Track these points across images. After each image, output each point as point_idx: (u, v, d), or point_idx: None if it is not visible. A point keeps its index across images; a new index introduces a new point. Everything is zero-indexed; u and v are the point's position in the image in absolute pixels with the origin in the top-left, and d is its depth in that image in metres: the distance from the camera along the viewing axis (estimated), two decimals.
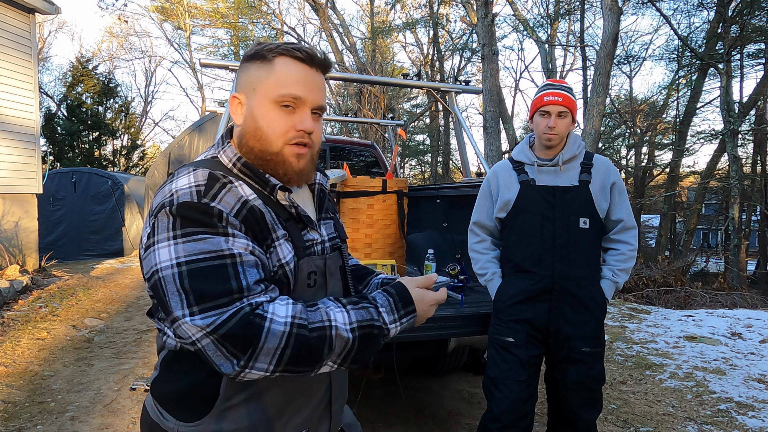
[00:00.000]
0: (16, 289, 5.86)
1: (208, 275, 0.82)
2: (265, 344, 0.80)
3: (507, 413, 2.04)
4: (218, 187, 0.88)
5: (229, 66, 3.58)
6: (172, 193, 0.86)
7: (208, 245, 0.83)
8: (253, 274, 0.85)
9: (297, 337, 0.82)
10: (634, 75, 21.65)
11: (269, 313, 0.82)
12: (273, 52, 0.94)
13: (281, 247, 0.93)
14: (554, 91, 2.05)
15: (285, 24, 22.21)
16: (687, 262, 11.47)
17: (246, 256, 0.85)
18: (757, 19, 12.36)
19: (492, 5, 9.11)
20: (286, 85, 0.93)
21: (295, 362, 0.83)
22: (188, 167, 0.92)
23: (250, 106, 0.96)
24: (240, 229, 0.87)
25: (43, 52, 24.44)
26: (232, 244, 0.85)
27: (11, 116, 7.10)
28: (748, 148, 14.98)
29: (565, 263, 2.02)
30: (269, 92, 0.94)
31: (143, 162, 22.64)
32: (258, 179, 0.96)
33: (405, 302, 0.95)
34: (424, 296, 0.98)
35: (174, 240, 0.83)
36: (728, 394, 3.45)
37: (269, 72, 0.94)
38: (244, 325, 0.80)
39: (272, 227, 0.92)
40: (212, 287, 0.81)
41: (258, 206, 0.91)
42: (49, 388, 3.57)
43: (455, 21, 21.14)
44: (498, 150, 8.68)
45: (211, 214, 0.85)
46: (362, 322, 0.89)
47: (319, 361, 0.86)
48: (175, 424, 0.94)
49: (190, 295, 0.81)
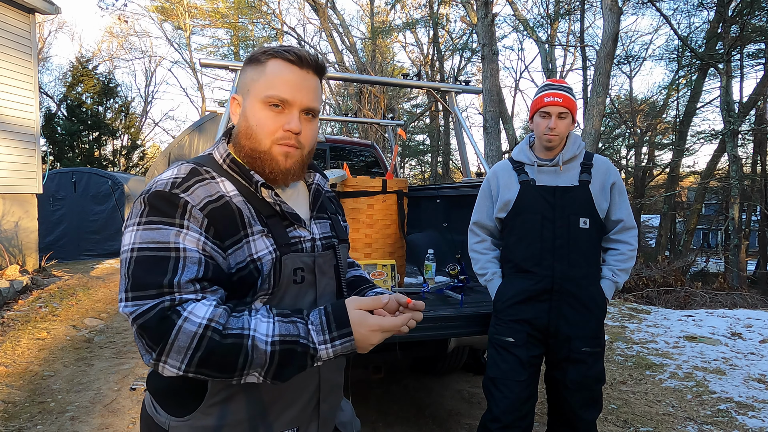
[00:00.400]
0: (16, 289, 5.86)
1: (149, 265, 0.85)
2: (175, 342, 0.81)
3: (507, 413, 2.04)
4: (194, 181, 0.92)
5: (229, 66, 3.57)
6: (153, 183, 0.91)
7: (159, 236, 0.86)
8: (191, 271, 0.86)
9: (209, 340, 0.82)
10: (634, 75, 21.67)
11: (186, 312, 0.83)
12: (266, 55, 0.98)
13: (255, 242, 0.94)
14: (554, 92, 2.05)
15: (285, 24, 22.22)
16: (687, 262, 11.47)
17: (191, 251, 0.87)
18: (757, 19, 12.37)
19: (492, 5, 9.11)
20: (274, 86, 0.96)
21: (206, 365, 0.83)
22: (180, 161, 0.97)
23: (244, 106, 1.00)
24: (200, 223, 0.89)
25: (43, 52, 24.44)
26: (182, 238, 0.87)
27: (11, 116, 7.10)
28: (748, 148, 14.99)
29: (565, 263, 2.02)
30: (259, 93, 0.97)
31: (143, 162, 22.64)
32: (243, 175, 0.98)
33: (339, 323, 0.88)
34: (364, 320, 0.89)
35: (137, 226, 0.88)
36: (728, 394, 3.45)
37: (261, 74, 0.98)
38: (158, 320, 0.82)
39: (248, 223, 0.94)
40: (147, 277, 0.84)
41: (234, 203, 0.94)
42: (49, 388, 3.57)
43: (455, 21, 21.16)
44: (498, 150, 8.68)
45: (177, 205, 0.88)
46: (285, 336, 0.86)
47: (235, 370, 0.84)
48: (167, 418, 0.96)
49: (129, 281, 0.85)
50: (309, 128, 1.01)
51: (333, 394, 1.09)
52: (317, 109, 1.02)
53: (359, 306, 0.90)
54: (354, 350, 0.90)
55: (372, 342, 0.90)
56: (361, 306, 0.91)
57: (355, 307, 0.90)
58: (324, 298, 1.04)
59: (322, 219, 1.11)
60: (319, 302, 1.03)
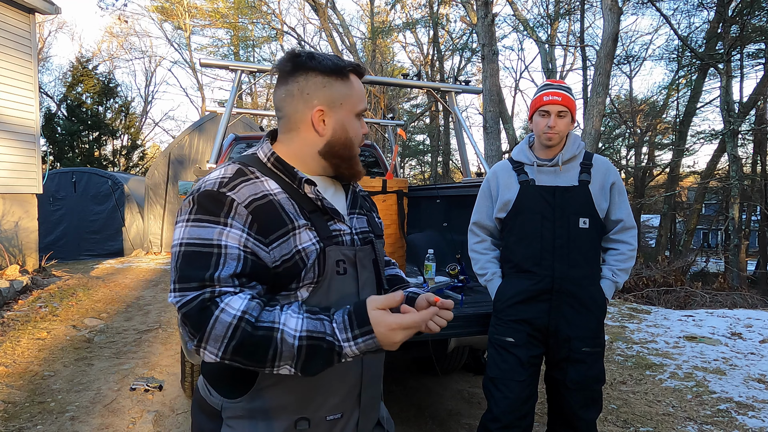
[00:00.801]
0: (16, 289, 5.86)
1: (193, 259, 0.93)
2: (212, 330, 0.88)
3: (507, 413, 2.04)
4: (240, 180, 0.99)
5: (229, 66, 3.57)
6: (203, 182, 0.99)
7: (205, 233, 0.94)
8: (230, 267, 0.93)
9: (242, 330, 0.88)
10: (634, 75, 21.67)
11: (223, 303, 0.89)
12: (347, 70, 1.09)
13: (300, 235, 1.00)
14: (553, 91, 2.05)
15: (285, 24, 22.23)
16: (687, 262, 11.47)
17: (231, 248, 0.94)
18: (757, 19, 12.37)
19: (492, 5, 9.11)
20: (362, 100, 1.11)
21: (239, 353, 0.89)
22: (228, 162, 1.05)
23: (338, 119, 1.08)
24: (245, 220, 0.96)
25: (43, 52, 24.44)
26: (225, 235, 0.94)
27: (11, 116, 7.11)
28: (748, 148, 15.00)
29: (565, 263, 2.02)
30: (354, 107, 1.09)
31: (143, 162, 22.64)
32: (287, 173, 1.06)
33: (360, 322, 0.92)
34: (383, 319, 0.92)
35: (186, 222, 0.96)
36: (728, 394, 3.45)
37: (350, 89, 1.09)
38: (199, 310, 0.89)
39: (292, 218, 1.01)
40: (191, 271, 0.91)
41: (278, 200, 1.01)
42: (49, 388, 3.57)
43: (455, 21, 21.16)
44: (498, 150, 8.69)
45: (223, 203, 0.95)
46: (312, 332, 0.90)
47: (266, 360, 0.90)
48: (220, 399, 1.04)
49: (177, 273, 0.93)
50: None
51: (374, 384, 1.15)
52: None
53: (376, 305, 0.93)
54: (379, 347, 0.93)
55: (395, 340, 0.93)
56: (377, 305, 0.93)
57: (373, 307, 0.93)
58: (365, 290, 1.10)
59: (359, 215, 1.18)
60: (361, 294, 1.08)
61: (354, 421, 1.10)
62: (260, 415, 1.02)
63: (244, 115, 9.97)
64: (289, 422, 1.02)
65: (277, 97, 1.10)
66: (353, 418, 1.10)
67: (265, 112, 6.39)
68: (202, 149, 11.31)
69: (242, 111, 6.83)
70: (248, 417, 1.02)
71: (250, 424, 1.02)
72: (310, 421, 1.03)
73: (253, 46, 24.06)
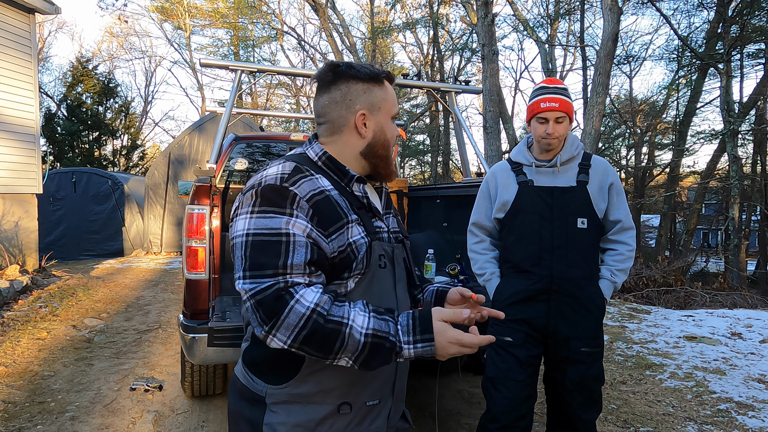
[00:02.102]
0: (16, 289, 5.86)
1: (263, 248, 0.99)
2: (286, 319, 0.94)
3: (506, 413, 2.04)
4: (299, 177, 1.06)
5: (229, 66, 3.57)
6: (262, 178, 1.05)
7: (272, 223, 1.00)
8: (300, 254, 0.99)
9: (314, 322, 0.94)
10: (634, 75, 21.65)
11: (298, 295, 0.95)
12: (382, 77, 1.17)
13: (352, 228, 1.08)
14: (550, 97, 2.03)
15: (285, 24, 22.25)
16: (687, 262, 11.46)
17: (299, 237, 1.00)
18: (757, 19, 12.36)
19: (492, 5, 9.11)
20: (395, 104, 1.20)
21: (308, 343, 0.95)
22: (280, 160, 1.12)
23: (378, 122, 1.17)
24: (306, 213, 1.02)
25: (43, 52, 24.45)
26: (291, 225, 1.00)
27: (11, 116, 7.11)
28: (748, 148, 14.98)
29: (564, 263, 2.02)
30: (389, 110, 1.18)
31: (143, 162, 22.64)
32: (339, 171, 1.14)
33: (424, 329, 0.98)
34: (445, 330, 0.98)
35: (251, 214, 1.02)
36: (728, 394, 3.45)
37: (386, 93, 1.17)
38: (274, 298, 0.95)
39: (346, 212, 1.08)
40: (263, 259, 0.98)
41: (333, 196, 1.08)
42: (49, 388, 3.57)
43: (455, 21, 21.15)
44: (498, 150, 8.69)
45: (286, 197, 1.02)
46: (378, 331, 0.96)
47: (331, 352, 0.96)
48: (264, 386, 1.09)
49: (246, 262, 0.99)
50: None
51: (404, 376, 1.23)
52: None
53: (442, 318, 0.99)
54: (433, 355, 0.98)
55: (449, 352, 0.98)
56: (443, 318, 0.99)
57: (438, 318, 0.99)
58: (400, 284, 1.19)
59: (391, 215, 1.28)
60: (397, 288, 1.17)
61: (387, 408, 1.17)
62: (305, 400, 1.07)
63: (244, 115, 9.98)
64: (333, 406, 1.08)
65: (319, 105, 1.17)
66: (387, 405, 1.17)
67: (265, 112, 6.40)
68: (202, 149, 11.31)
69: (242, 111, 6.84)
70: (293, 402, 1.07)
71: (294, 408, 1.07)
72: (351, 405, 1.09)
73: (253, 46, 24.07)
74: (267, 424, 1.07)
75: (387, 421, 1.17)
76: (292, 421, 1.07)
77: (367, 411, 1.12)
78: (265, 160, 4.29)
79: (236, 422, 1.15)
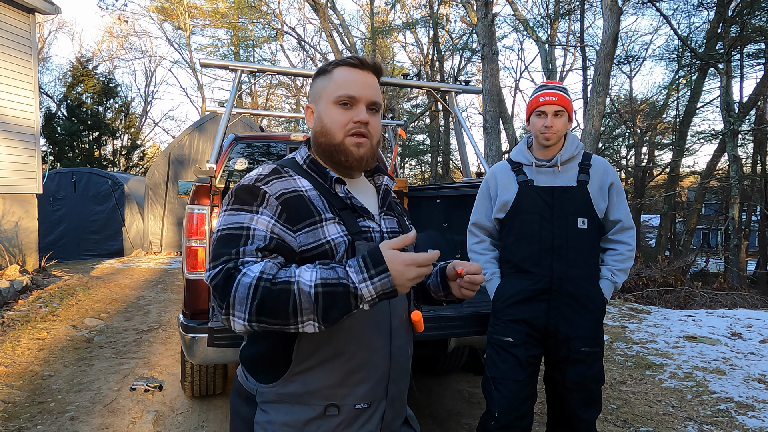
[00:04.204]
0: (16, 289, 5.86)
1: (225, 241, 1.02)
2: (236, 294, 0.93)
3: (506, 413, 2.04)
4: (273, 177, 1.10)
5: (229, 66, 3.57)
6: (243, 179, 1.10)
7: (238, 218, 1.04)
8: (255, 244, 1.01)
9: (262, 289, 0.92)
10: (634, 75, 21.64)
11: (245, 269, 0.96)
12: (332, 65, 1.16)
13: (327, 227, 1.08)
14: (549, 92, 2.06)
15: (285, 24, 22.25)
16: (687, 262, 11.46)
17: (259, 231, 1.03)
18: (757, 19, 12.36)
19: (492, 5, 9.12)
20: (342, 87, 1.13)
21: (262, 312, 0.93)
22: (268, 163, 1.17)
23: (317, 111, 1.17)
24: (275, 209, 1.05)
25: (43, 52, 24.45)
26: (255, 221, 1.03)
27: (11, 116, 7.11)
28: (748, 148, 14.98)
29: (564, 263, 2.02)
30: (330, 96, 1.14)
31: (143, 162, 22.64)
32: (320, 173, 1.16)
33: (375, 262, 0.94)
34: (397, 255, 0.95)
35: (224, 212, 1.07)
36: (728, 394, 3.45)
37: (329, 80, 1.15)
38: (224, 278, 0.95)
39: (320, 211, 1.09)
40: (222, 249, 1.00)
41: (308, 195, 1.10)
42: (49, 388, 3.57)
43: (455, 21, 21.16)
44: (498, 150, 8.69)
45: (257, 195, 1.06)
46: (326, 279, 0.93)
47: (288, 315, 0.93)
48: (255, 384, 1.12)
49: (213, 253, 1.02)
50: (375, 120, 1.16)
51: (401, 378, 1.20)
52: (380, 104, 1.18)
53: (390, 246, 0.97)
54: (393, 287, 0.95)
55: (408, 276, 0.95)
56: (392, 246, 0.97)
57: (387, 248, 0.97)
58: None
59: (390, 216, 1.27)
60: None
61: (380, 412, 1.15)
62: (293, 400, 1.08)
63: (244, 115, 9.97)
64: (320, 408, 1.08)
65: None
66: (380, 409, 1.15)
67: (265, 112, 6.39)
68: (202, 149, 11.30)
69: (242, 111, 6.84)
70: (281, 402, 1.08)
71: (282, 408, 1.08)
72: (339, 408, 1.09)
73: (253, 46, 24.07)
74: (258, 423, 1.09)
75: (380, 425, 1.15)
76: (280, 420, 1.08)
77: (356, 414, 1.10)
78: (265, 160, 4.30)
79: (234, 419, 1.17)
